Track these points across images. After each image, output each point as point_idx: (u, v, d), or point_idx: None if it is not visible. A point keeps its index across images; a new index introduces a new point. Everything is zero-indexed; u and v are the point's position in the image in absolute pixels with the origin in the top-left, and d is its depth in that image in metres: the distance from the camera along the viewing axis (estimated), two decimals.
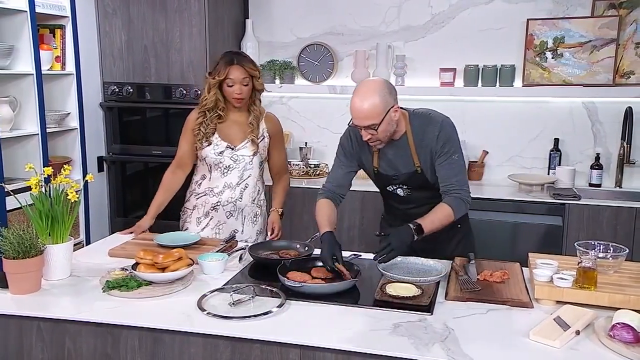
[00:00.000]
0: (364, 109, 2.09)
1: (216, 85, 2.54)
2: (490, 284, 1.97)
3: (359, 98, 2.11)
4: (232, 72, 2.50)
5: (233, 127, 2.63)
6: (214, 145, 2.59)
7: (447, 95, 3.84)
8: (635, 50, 3.67)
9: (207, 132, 2.59)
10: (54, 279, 2.03)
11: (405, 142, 2.27)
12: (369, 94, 2.10)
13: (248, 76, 2.54)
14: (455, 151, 2.22)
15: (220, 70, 2.51)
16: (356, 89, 2.15)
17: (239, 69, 2.51)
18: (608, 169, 3.79)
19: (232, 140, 2.61)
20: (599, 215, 3.32)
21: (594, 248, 1.97)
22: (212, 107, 2.58)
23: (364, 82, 2.19)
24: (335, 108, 4.13)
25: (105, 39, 3.92)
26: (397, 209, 2.44)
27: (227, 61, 2.52)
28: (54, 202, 1.99)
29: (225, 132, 2.62)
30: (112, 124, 4.03)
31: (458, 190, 2.19)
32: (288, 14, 4.16)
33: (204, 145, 2.60)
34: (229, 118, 2.63)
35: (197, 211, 2.69)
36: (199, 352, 1.71)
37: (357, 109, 2.11)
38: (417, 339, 1.60)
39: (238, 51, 2.65)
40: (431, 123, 2.24)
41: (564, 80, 3.72)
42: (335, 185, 2.40)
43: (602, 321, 1.65)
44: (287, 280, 1.92)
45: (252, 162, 2.63)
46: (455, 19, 3.88)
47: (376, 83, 2.15)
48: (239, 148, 2.61)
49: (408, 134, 2.26)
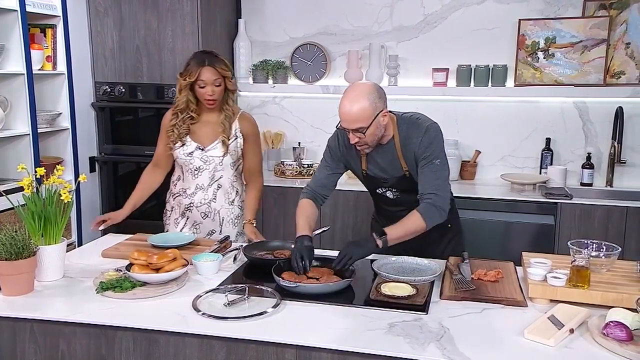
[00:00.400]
0: (352, 112, 2.08)
1: (187, 87, 2.50)
2: (485, 283, 1.97)
3: (348, 101, 2.10)
4: (203, 74, 2.46)
5: (205, 128, 2.59)
6: (185, 146, 2.57)
7: (439, 95, 3.86)
8: (626, 50, 3.70)
9: (180, 133, 2.56)
10: (47, 280, 2.02)
11: (392, 146, 2.26)
12: (359, 97, 2.09)
13: (220, 77, 2.49)
14: (436, 157, 2.17)
15: (192, 71, 2.46)
16: (346, 92, 2.13)
17: (211, 70, 2.47)
18: (599, 169, 3.82)
19: (202, 141, 2.58)
20: (591, 215, 3.34)
21: (587, 247, 1.98)
22: (184, 108, 2.54)
23: (354, 85, 2.18)
24: (329, 108, 4.10)
25: (96, 38, 3.90)
26: (388, 211, 2.44)
27: (198, 62, 2.48)
28: (46, 203, 1.98)
29: (197, 133, 2.58)
30: (104, 124, 4.01)
31: (432, 196, 2.13)
32: (281, 14, 4.16)
33: (176, 147, 2.57)
34: (201, 119, 2.59)
35: (174, 212, 2.69)
36: (194, 353, 1.71)
37: (346, 112, 2.09)
38: (413, 338, 1.61)
39: (209, 51, 2.61)
40: (416, 127, 2.21)
41: (555, 80, 3.74)
42: (319, 186, 2.39)
43: (596, 320, 1.66)
44: (282, 281, 1.92)
45: (222, 163, 2.58)
46: (448, 19, 3.89)
47: (366, 86, 2.14)
48: (209, 149, 2.57)
49: (395, 138, 2.24)
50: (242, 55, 4.12)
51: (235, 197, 2.68)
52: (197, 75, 2.45)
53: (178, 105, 2.55)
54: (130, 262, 2.01)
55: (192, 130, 2.57)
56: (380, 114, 2.11)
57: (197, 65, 2.47)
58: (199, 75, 2.46)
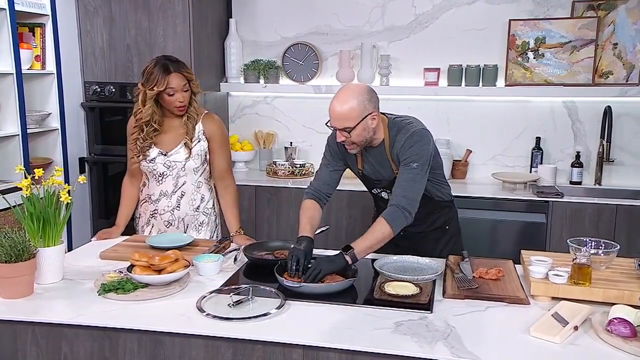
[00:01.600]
0: (340, 111, 2.10)
1: (152, 98, 2.38)
2: (486, 281, 1.99)
3: (337, 100, 2.12)
4: (172, 80, 2.36)
5: (167, 134, 2.50)
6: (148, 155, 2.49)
7: (431, 95, 3.88)
8: (613, 50, 3.75)
9: (143, 146, 2.46)
10: (46, 283, 1.99)
11: (382, 149, 2.27)
12: (348, 98, 2.10)
13: (187, 82, 2.42)
14: (415, 160, 2.15)
15: (158, 80, 2.35)
16: (337, 91, 2.16)
17: (179, 76, 2.38)
18: (588, 167, 3.87)
19: (165, 146, 2.49)
20: (581, 213, 3.39)
21: (586, 245, 2.00)
22: (148, 121, 2.42)
23: (346, 85, 2.20)
24: (320, 108, 4.05)
25: (86, 38, 3.86)
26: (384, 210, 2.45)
27: (163, 69, 2.36)
28: (45, 204, 1.95)
29: (159, 140, 2.49)
30: (94, 124, 3.97)
31: (400, 199, 2.12)
32: (272, 14, 4.15)
33: (140, 159, 2.49)
34: (163, 127, 2.49)
35: (141, 219, 2.64)
36: (200, 355, 1.70)
37: (334, 110, 2.12)
38: (420, 337, 1.62)
39: (168, 56, 2.47)
40: (403, 131, 2.21)
41: (545, 80, 3.78)
42: (321, 185, 2.39)
43: (599, 316, 1.68)
44: (285, 281, 1.91)
45: (184, 169, 2.50)
46: (439, 20, 3.91)
47: (357, 87, 2.16)
48: (172, 154, 2.48)
49: (385, 141, 2.25)
50: (233, 55, 4.10)
51: (201, 204, 2.59)
52: (166, 83, 2.35)
53: (142, 117, 2.42)
54: (131, 263, 1.99)
55: (155, 140, 2.49)
56: (368, 116, 2.12)
57: (164, 73, 2.36)
58: (168, 83, 2.36)
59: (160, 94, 2.39)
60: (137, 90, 2.44)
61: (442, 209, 2.47)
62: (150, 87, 2.37)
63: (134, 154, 2.51)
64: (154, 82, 2.36)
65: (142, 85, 2.40)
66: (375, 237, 2.09)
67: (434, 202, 2.41)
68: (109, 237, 2.54)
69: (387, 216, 2.11)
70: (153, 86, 2.36)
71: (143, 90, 2.40)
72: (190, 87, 2.45)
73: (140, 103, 2.42)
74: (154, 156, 2.49)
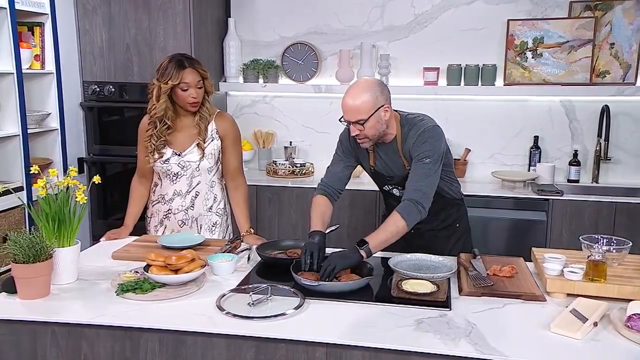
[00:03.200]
0: (353, 104, 2.13)
1: (167, 92, 2.40)
2: (501, 278, 2.01)
3: (350, 94, 2.15)
4: (186, 76, 2.38)
5: (180, 133, 2.50)
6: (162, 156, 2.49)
7: (430, 95, 3.90)
8: (610, 50, 3.81)
9: (157, 144, 2.47)
10: (62, 283, 1.98)
11: (395, 145, 2.30)
12: (360, 91, 2.14)
13: (201, 78, 2.43)
14: (428, 156, 2.17)
15: (172, 74, 2.37)
16: (350, 86, 2.19)
17: (193, 72, 2.40)
18: (585, 165, 3.92)
19: (178, 146, 2.50)
20: (581, 211, 3.44)
21: (598, 242, 2.03)
22: (162, 116, 2.43)
23: (358, 79, 2.22)
24: (320, 107, 4.15)
25: (85, 37, 3.83)
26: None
27: (178, 64, 2.39)
28: (61, 204, 1.94)
29: (173, 140, 2.50)
30: (93, 124, 3.94)
31: (414, 193, 2.13)
32: (271, 13, 4.15)
33: (155, 157, 2.49)
34: (176, 125, 2.49)
35: (153, 219, 2.64)
36: (222, 354, 1.70)
37: (347, 104, 2.15)
38: (443, 334, 1.63)
39: (183, 53, 2.51)
40: (414, 128, 2.24)
41: (543, 79, 3.83)
42: (333, 181, 2.42)
43: (617, 312, 1.71)
44: (303, 280, 1.92)
45: (199, 169, 2.51)
46: (438, 19, 3.94)
47: (369, 81, 2.20)
48: (186, 154, 2.49)
49: (397, 137, 2.28)
50: (232, 54, 4.09)
51: (213, 204, 2.60)
52: (180, 78, 2.37)
53: (156, 113, 2.43)
54: (148, 263, 1.98)
55: (168, 139, 2.50)
56: (381, 109, 2.15)
57: (178, 68, 2.38)
58: (182, 78, 2.38)
59: (174, 89, 2.40)
60: (151, 86, 2.45)
61: (453, 206, 2.49)
62: (165, 81, 2.38)
63: (148, 153, 2.50)
64: (168, 76, 2.37)
65: (157, 80, 2.41)
66: (390, 231, 2.10)
67: (444, 199, 2.43)
68: (118, 237, 2.53)
69: (401, 210, 2.12)
70: (168, 80, 2.37)
71: (157, 84, 2.40)
72: (204, 85, 2.46)
73: (154, 99, 2.42)
74: (168, 156, 2.49)
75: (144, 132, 2.52)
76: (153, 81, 2.44)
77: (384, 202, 2.60)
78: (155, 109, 2.43)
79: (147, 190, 2.64)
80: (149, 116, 2.49)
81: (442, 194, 2.39)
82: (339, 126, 2.23)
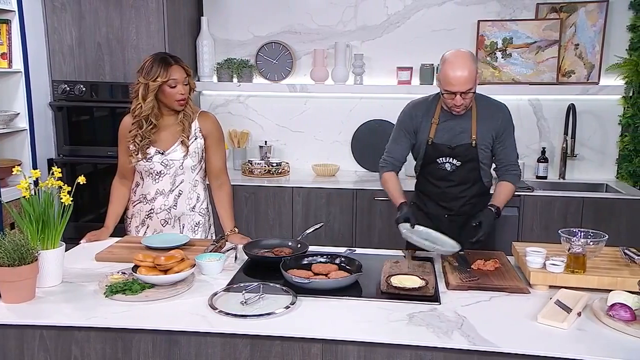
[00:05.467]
0: (464, 76, 2.29)
1: (155, 90, 2.38)
2: (485, 272, 2.07)
3: (458, 67, 2.30)
4: (174, 73, 2.37)
5: (164, 132, 2.48)
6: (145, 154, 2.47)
7: (404, 94, 3.94)
8: (575, 51, 3.93)
9: (142, 144, 2.44)
10: (47, 286, 1.94)
11: (469, 115, 2.46)
12: (467, 62, 2.31)
13: (187, 76, 2.43)
14: (512, 134, 2.52)
15: (160, 72, 2.36)
16: (450, 60, 2.33)
17: (180, 69, 2.40)
18: (552, 162, 4.04)
19: (162, 145, 2.48)
20: (550, 206, 3.54)
21: (575, 235, 2.11)
22: (148, 116, 2.41)
23: (457, 52, 2.36)
24: (294, 106, 4.16)
25: (53, 35, 3.75)
26: (436, 187, 2.58)
27: (164, 62, 2.38)
28: (46, 206, 1.91)
29: (156, 138, 2.47)
30: (63, 124, 3.86)
31: (516, 168, 2.52)
32: (244, 12, 4.14)
33: (139, 158, 2.46)
34: (160, 124, 2.47)
35: (135, 219, 2.61)
36: (216, 353, 1.70)
37: (460, 77, 2.29)
38: (435, 327, 1.67)
39: (164, 52, 2.48)
40: (498, 106, 2.51)
41: (513, 78, 3.93)
42: (398, 156, 2.59)
43: (598, 302, 1.78)
44: (294, 277, 1.93)
45: (182, 167, 2.49)
46: (411, 20, 4.00)
47: (469, 53, 2.37)
48: (169, 152, 2.47)
49: (473, 108, 2.46)
50: (205, 53, 4.07)
51: (196, 203, 2.58)
52: (168, 75, 2.37)
53: (143, 112, 2.40)
54: (136, 264, 1.96)
55: (153, 138, 2.47)
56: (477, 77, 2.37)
57: (165, 65, 2.37)
58: (170, 75, 2.37)
59: (161, 86, 2.38)
60: (136, 85, 2.42)
61: (485, 195, 2.60)
62: (153, 78, 2.36)
63: (131, 153, 2.47)
64: (156, 74, 2.36)
65: (143, 78, 2.38)
66: (508, 197, 2.47)
67: (483, 186, 2.58)
68: (98, 239, 2.49)
69: (512, 180, 2.50)
70: (156, 77, 2.36)
71: (144, 83, 2.38)
72: (189, 82, 2.45)
73: (140, 98, 2.39)
74: (151, 155, 2.47)
75: (126, 132, 2.49)
76: (138, 80, 2.41)
77: (418, 186, 2.70)
78: (140, 108, 2.40)
79: (129, 190, 2.61)
80: (132, 116, 2.45)
81: (483, 182, 2.55)
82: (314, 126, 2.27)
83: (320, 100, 4.14)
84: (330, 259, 2.16)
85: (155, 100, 2.42)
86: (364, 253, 2.33)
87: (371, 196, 3.64)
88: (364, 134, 4.10)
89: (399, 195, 2.47)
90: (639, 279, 1.74)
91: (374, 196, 3.63)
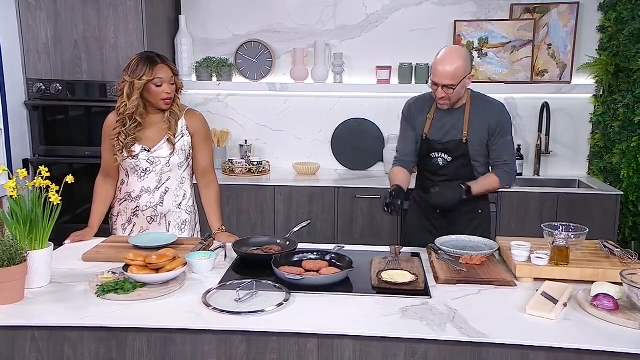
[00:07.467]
0: (449, 70, 2.36)
1: (140, 89, 2.38)
2: (472, 266, 2.11)
3: (446, 60, 2.37)
4: (159, 72, 2.38)
5: (150, 130, 2.48)
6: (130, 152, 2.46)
7: (383, 92, 4.01)
8: (548, 50, 4.03)
9: (126, 142, 2.43)
10: (35, 287, 1.91)
11: (462, 112, 2.52)
12: (455, 57, 2.38)
13: (173, 75, 2.44)
14: (508, 133, 2.56)
15: (146, 71, 2.36)
16: (442, 53, 2.42)
17: (165, 68, 2.41)
18: (527, 159, 4.14)
19: (148, 142, 2.48)
20: (527, 202, 3.63)
21: (557, 229, 2.17)
22: (132, 114, 2.40)
23: (451, 47, 2.48)
24: (274, 105, 4.17)
25: (28, 33, 3.68)
26: (431, 182, 2.62)
27: (150, 61, 2.39)
28: (34, 206, 1.88)
29: (142, 136, 2.47)
30: (38, 124, 3.79)
31: (507, 165, 2.55)
32: (223, 11, 4.13)
33: (124, 156, 2.45)
34: (146, 122, 2.47)
35: (121, 218, 2.60)
36: (212, 350, 1.71)
37: (443, 70, 2.37)
38: (429, 320, 1.71)
39: (151, 51, 2.51)
40: (493, 105, 2.55)
41: (489, 77, 4.01)
42: (406, 152, 2.66)
43: (582, 293, 1.84)
44: (287, 274, 1.95)
45: (169, 164, 2.49)
46: (389, 19, 4.05)
47: (462, 50, 2.46)
48: (155, 149, 2.47)
49: (467, 106, 2.52)
50: (184, 52, 4.05)
51: (183, 201, 2.58)
52: (154, 73, 2.37)
53: (127, 110, 2.40)
54: (127, 263, 1.95)
55: (137, 136, 2.47)
56: (467, 76, 2.41)
57: (151, 64, 2.38)
58: (156, 74, 2.37)
59: (146, 85, 2.38)
60: (121, 83, 2.41)
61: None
62: (139, 77, 2.36)
63: (116, 151, 2.45)
64: (141, 72, 2.36)
65: (129, 77, 2.38)
66: (486, 184, 2.53)
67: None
68: (82, 239, 2.46)
69: (499, 175, 2.55)
70: (142, 76, 2.36)
71: (130, 81, 2.37)
72: (175, 82, 2.45)
73: (125, 96, 2.39)
74: (137, 152, 2.46)
75: (110, 130, 2.47)
76: (124, 78, 2.40)
77: (418, 181, 2.74)
78: (125, 106, 2.39)
79: (113, 189, 2.59)
80: (116, 114, 2.44)
81: (477, 178, 2.58)
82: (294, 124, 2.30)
83: (300, 99, 4.16)
84: (321, 255, 2.18)
85: (141, 98, 2.41)
86: (351, 250, 2.35)
87: (352, 194, 3.68)
88: (344, 132, 4.13)
89: (396, 181, 2.51)
90: (621, 270, 1.81)
91: (356, 194, 3.67)
